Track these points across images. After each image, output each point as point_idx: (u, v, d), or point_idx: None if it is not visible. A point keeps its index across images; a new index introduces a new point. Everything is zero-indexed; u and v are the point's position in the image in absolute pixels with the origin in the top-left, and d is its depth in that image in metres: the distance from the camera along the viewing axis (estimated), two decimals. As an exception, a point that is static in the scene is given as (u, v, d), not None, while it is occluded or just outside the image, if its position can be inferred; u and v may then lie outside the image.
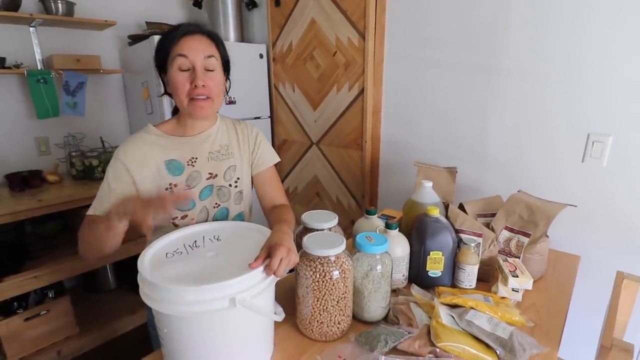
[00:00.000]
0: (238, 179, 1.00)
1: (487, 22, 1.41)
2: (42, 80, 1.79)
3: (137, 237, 1.68)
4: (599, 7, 1.17)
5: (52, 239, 1.87)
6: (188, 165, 0.92)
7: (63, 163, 1.99)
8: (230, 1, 2.16)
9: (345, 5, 1.81)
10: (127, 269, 2.09)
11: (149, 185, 0.89)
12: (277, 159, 1.09)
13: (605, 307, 1.08)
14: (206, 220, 0.95)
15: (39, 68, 1.87)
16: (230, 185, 0.98)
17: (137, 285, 0.62)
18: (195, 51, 0.84)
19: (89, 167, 1.88)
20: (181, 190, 0.91)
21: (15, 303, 1.61)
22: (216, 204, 0.96)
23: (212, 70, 0.87)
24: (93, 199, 1.72)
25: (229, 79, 0.99)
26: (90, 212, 0.89)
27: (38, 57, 1.87)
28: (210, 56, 0.86)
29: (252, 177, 1.06)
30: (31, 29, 1.83)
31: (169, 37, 0.86)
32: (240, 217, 1.03)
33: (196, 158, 0.94)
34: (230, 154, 0.99)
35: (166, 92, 0.93)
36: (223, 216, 0.98)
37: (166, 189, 0.90)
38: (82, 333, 1.77)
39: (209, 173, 0.95)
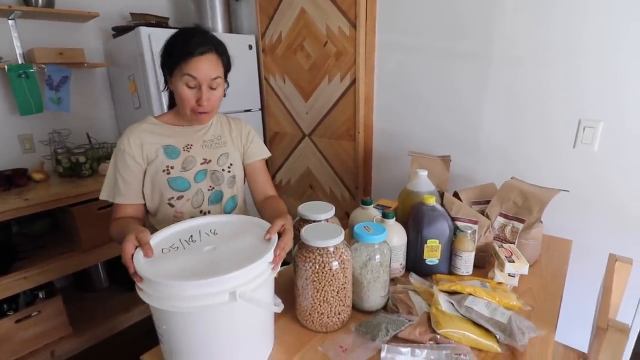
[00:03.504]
0: (231, 164, 1.06)
1: (480, 10, 1.40)
2: (23, 75, 1.72)
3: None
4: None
5: (40, 239, 1.83)
6: (184, 150, 1.00)
7: (49, 160, 1.93)
8: (217, -9, 2.11)
9: (335, -7, 1.78)
10: (119, 267, 2.05)
11: (150, 167, 0.97)
12: (268, 154, 1.16)
13: (596, 289, 1.11)
14: (202, 202, 1.02)
15: (20, 62, 1.80)
16: (223, 170, 1.05)
17: (130, 283, 0.61)
18: (204, 74, 0.91)
19: (76, 164, 1.83)
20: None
21: (5, 305, 1.58)
22: (210, 186, 1.03)
23: (217, 88, 0.95)
24: (82, 197, 1.73)
25: (227, 82, 1.04)
26: (103, 197, 0.99)
27: (18, 51, 1.80)
28: (216, 77, 0.93)
29: (244, 167, 1.12)
30: (10, 21, 1.76)
31: (182, 52, 0.89)
32: (233, 200, 1.08)
33: (191, 145, 1.02)
34: (223, 143, 1.07)
35: (167, 88, 1.00)
36: (217, 198, 1.04)
37: (163, 170, 0.97)
38: (76, 333, 1.74)
39: (203, 159, 1.02)
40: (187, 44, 0.90)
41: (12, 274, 1.52)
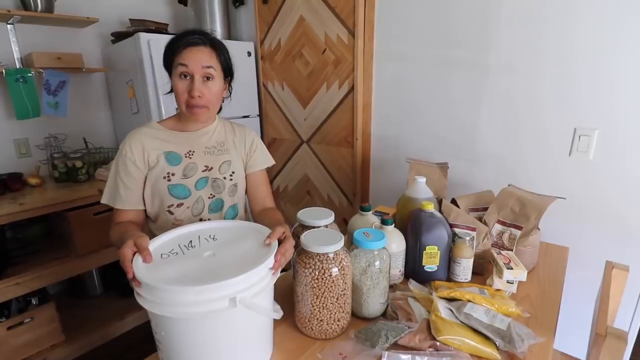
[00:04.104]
0: (233, 172, 1.05)
1: (476, 19, 1.43)
2: (21, 80, 1.72)
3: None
4: (588, 2, 1.19)
5: (34, 244, 1.80)
6: (185, 157, 0.99)
7: (45, 165, 1.92)
8: (216, -2, 2.13)
9: (334, 2, 1.80)
10: (114, 273, 2.04)
11: (151, 173, 0.96)
12: (271, 162, 1.15)
13: (592, 295, 1.11)
14: (202, 210, 1.00)
15: (18, 67, 1.80)
16: (225, 178, 1.03)
17: (125, 290, 0.61)
18: (195, 62, 0.91)
19: (72, 169, 1.82)
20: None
21: (-4, 311, 1.55)
22: (211, 194, 1.01)
23: (211, 80, 0.94)
24: (77, 202, 1.73)
25: (231, 85, 1.06)
26: (104, 201, 0.98)
27: (16, 55, 1.80)
28: (208, 66, 0.92)
29: (245, 176, 1.10)
30: (9, 26, 1.76)
31: (174, 46, 0.93)
32: (234, 209, 1.07)
33: (193, 151, 1.01)
34: (226, 150, 1.05)
35: (172, 90, 0.99)
36: (218, 207, 1.03)
37: (164, 177, 0.96)
38: (69, 340, 1.72)
39: (205, 166, 1.01)
40: (183, 37, 0.93)
41: (5, 280, 1.49)
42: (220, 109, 1.09)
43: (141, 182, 0.97)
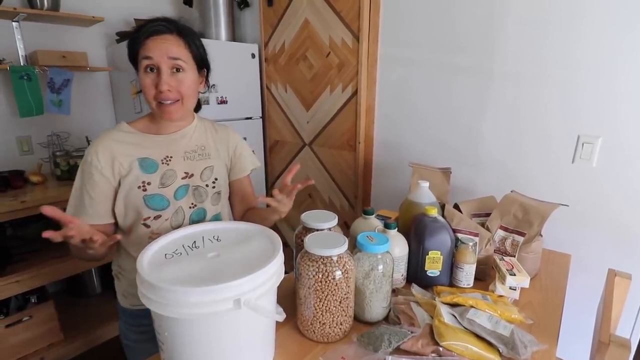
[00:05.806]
0: (216, 179, 0.97)
1: (480, 26, 1.43)
2: (25, 77, 1.73)
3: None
4: (593, 11, 1.20)
5: (34, 242, 1.80)
6: (162, 163, 0.89)
7: (47, 163, 1.92)
8: (221, 0, 2.14)
9: (339, 6, 1.81)
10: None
11: (123, 183, 0.86)
12: (257, 164, 1.09)
13: (594, 302, 1.11)
14: (182, 222, 0.92)
15: (22, 64, 1.81)
16: (207, 185, 0.95)
17: None
18: (160, 52, 0.81)
19: (75, 167, 1.82)
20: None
21: (-5, 309, 1.55)
22: (192, 204, 0.93)
23: (181, 71, 0.84)
24: None
25: (208, 77, 0.96)
26: (69, 212, 0.86)
27: (21, 52, 1.81)
28: (175, 58, 0.83)
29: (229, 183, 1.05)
30: (14, 23, 1.77)
31: (136, 38, 0.84)
32: (217, 218, 0.99)
33: (171, 157, 0.90)
34: (207, 155, 0.97)
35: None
36: (200, 217, 0.94)
37: (139, 187, 0.86)
38: (67, 339, 1.71)
39: (185, 172, 0.92)
40: (144, 27, 0.83)
41: (5, 277, 1.49)
42: (200, 106, 1.00)
43: (108, 193, 0.86)
